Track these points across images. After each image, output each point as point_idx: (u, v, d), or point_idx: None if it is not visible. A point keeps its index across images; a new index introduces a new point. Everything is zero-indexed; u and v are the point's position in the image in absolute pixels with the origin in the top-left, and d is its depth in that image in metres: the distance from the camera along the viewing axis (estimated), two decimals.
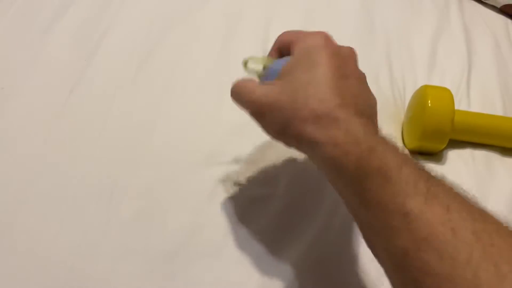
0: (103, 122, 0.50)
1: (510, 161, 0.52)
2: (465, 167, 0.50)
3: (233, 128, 0.51)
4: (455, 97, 0.49)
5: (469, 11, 0.69)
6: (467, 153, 0.52)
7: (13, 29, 0.59)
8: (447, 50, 0.63)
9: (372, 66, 0.58)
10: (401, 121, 0.54)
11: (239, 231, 0.43)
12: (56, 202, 0.44)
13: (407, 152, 0.34)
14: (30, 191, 0.45)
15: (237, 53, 0.58)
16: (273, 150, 0.49)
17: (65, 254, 0.41)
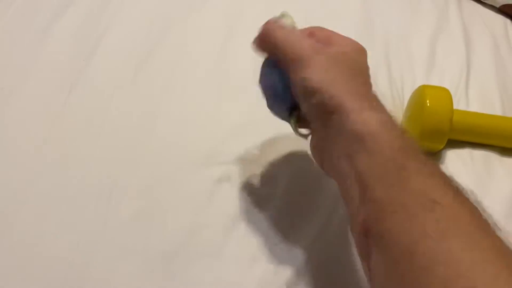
0: (102, 122, 0.50)
1: (509, 161, 0.51)
2: (464, 167, 0.50)
3: (233, 128, 0.51)
4: (454, 97, 0.49)
5: (468, 11, 0.69)
6: (466, 153, 0.52)
7: (12, 29, 0.59)
8: (446, 50, 0.63)
9: (370, 65, 0.58)
10: (399, 121, 0.54)
11: (239, 231, 0.43)
12: (55, 202, 0.44)
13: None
14: (29, 191, 0.45)
15: (236, 53, 0.59)
16: (272, 150, 0.49)
17: (64, 253, 0.41)
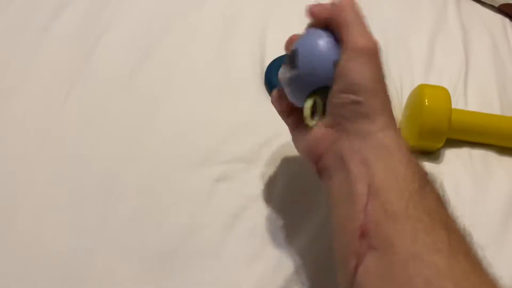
0: (101, 121, 0.50)
1: (507, 160, 0.52)
2: (463, 166, 0.50)
3: (232, 127, 0.51)
4: (452, 96, 0.49)
5: (467, 10, 0.69)
6: (464, 152, 0.52)
7: (11, 29, 0.59)
8: (444, 49, 0.63)
9: None
10: (398, 120, 0.54)
11: (238, 230, 0.43)
12: (54, 201, 0.44)
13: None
14: (28, 190, 0.45)
15: (235, 53, 0.59)
16: (271, 149, 0.49)
17: (63, 253, 0.41)
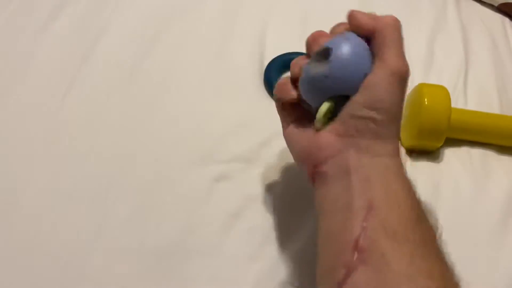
0: (99, 121, 0.50)
1: (506, 160, 0.51)
2: (462, 165, 0.50)
3: (231, 126, 0.51)
4: (452, 96, 0.49)
5: (466, 10, 0.69)
6: (463, 152, 0.52)
7: (9, 29, 0.59)
8: (444, 48, 0.63)
9: None
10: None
11: (236, 230, 0.43)
12: (51, 201, 0.44)
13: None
14: (26, 190, 0.44)
15: (234, 53, 0.59)
16: (270, 149, 0.49)
17: (61, 253, 0.41)
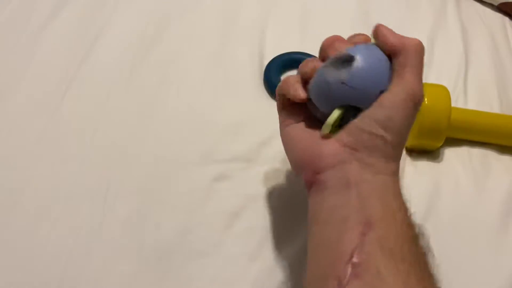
0: (98, 120, 0.50)
1: (506, 159, 0.51)
2: (462, 165, 0.50)
3: (230, 126, 0.51)
4: (452, 95, 0.49)
5: (466, 9, 0.69)
6: (464, 151, 0.52)
7: (8, 29, 0.59)
8: (444, 48, 0.62)
9: None
10: None
11: (235, 230, 0.43)
12: (50, 202, 0.44)
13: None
14: (25, 190, 0.44)
15: (234, 52, 0.59)
16: (270, 149, 0.49)
17: (60, 252, 0.41)
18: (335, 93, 0.33)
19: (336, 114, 0.34)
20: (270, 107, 0.41)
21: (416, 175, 0.49)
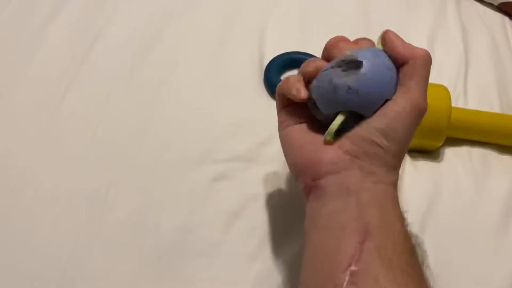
0: (97, 121, 0.50)
1: (507, 159, 0.51)
2: (462, 165, 0.50)
3: (229, 126, 0.51)
4: (452, 95, 0.49)
5: (466, 9, 0.69)
6: (464, 151, 0.51)
7: (8, 29, 0.59)
8: (444, 47, 0.62)
9: None
10: None
11: (235, 230, 0.43)
12: (50, 202, 0.44)
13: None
14: (25, 191, 0.44)
15: (234, 52, 0.59)
16: (270, 148, 0.49)
17: (60, 252, 0.41)
18: (339, 96, 0.33)
19: (339, 120, 0.33)
20: (270, 107, 0.41)
21: (416, 175, 0.48)
